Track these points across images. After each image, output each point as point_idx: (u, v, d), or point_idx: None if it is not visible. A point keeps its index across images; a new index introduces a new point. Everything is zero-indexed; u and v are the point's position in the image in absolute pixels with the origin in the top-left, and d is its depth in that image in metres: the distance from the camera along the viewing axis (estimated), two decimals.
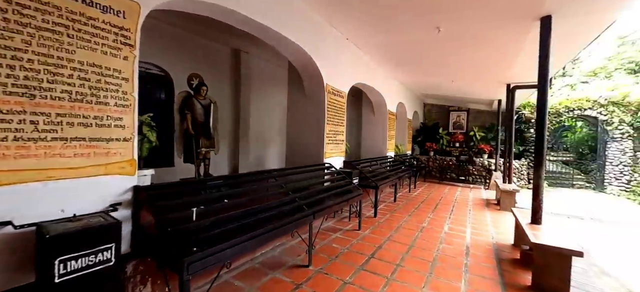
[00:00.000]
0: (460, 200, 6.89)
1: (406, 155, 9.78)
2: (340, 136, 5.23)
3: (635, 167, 9.26)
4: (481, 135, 10.84)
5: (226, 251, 2.05)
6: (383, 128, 7.92)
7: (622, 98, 9.41)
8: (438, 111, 12.38)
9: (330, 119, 4.85)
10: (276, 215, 2.64)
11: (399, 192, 7.33)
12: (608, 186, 9.58)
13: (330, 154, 4.90)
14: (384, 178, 5.58)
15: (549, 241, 2.71)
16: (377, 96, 7.47)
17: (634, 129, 9.35)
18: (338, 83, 5.06)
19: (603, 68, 13.36)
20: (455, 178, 9.80)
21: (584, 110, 9.85)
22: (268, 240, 2.47)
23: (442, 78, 7.45)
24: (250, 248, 2.35)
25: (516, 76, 6.18)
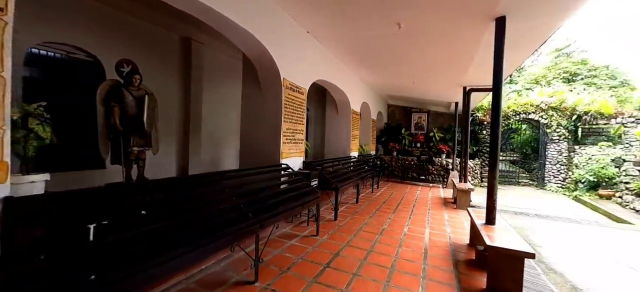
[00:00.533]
0: (420, 199, 6.98)
1: (370, 155, 9.80)
2: (300, 135, 4.92)
3: (570, 166, 10.30)
4: (440, 136, 11.29)
5: (138, 276, 1.62)
6: (347, 128, 7.78)
7: (559, 103, 10.41)
8: (401, 112, 12.69)
9: (288, 116, 4.51)
10: (216, 226, 2.24)
11: (361, 193, 7.23)
12: (548, 183, 10.54)
13: (289, 154, 4.56)
14: (346, 179, 5.39)
15: (503, 243, 2.67)
16: (340, 95, 7.30)
17: (569, 132, 10.39)
18: (297, 78, 4.74)
19: (543, 76, 14.83)
20: (416, 177, 10.05)
21: (528, 114, 10.74)
22: (198, 258, 2.06)
23: (403, 79, 7.51)
24: (176, 268, 1.92)
25: (471, 79, 6.40)
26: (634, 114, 9.34)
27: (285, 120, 4.41)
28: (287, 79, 4.41)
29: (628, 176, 8.01)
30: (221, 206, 2.61)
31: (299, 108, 4.83)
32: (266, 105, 4.45)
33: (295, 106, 4.71)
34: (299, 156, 4.91)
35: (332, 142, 8.04)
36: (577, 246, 4.52)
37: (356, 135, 8.31)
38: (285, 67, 4.35)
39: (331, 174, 5.18)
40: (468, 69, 5.52)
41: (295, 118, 4.75)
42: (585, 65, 14.18)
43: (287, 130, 4.48)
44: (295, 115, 4.72)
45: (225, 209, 2.56)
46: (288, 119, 4.50)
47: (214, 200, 2.71)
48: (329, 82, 6.19)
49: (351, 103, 7.63)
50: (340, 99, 7.56)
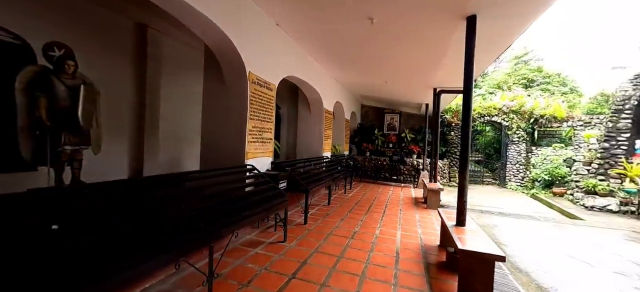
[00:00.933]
0: (392, 200, 6.97)
1: (343, 155, 9.69)
2: (268, 134, 4.61)
3: (528, 166, 10.99)
4: (411, 137, 11.51)
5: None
6: (319, 127, 7.57)
7: (519, 107, 11.09)
8: (374, 113, 12.78)
9: (255, 113, 4.18)
10: (160, 239, 1.89)
11: (334, 194, 7.06)
12: (508, 182, 11.18)
13: (255, 154, 4.23)
14: (317, 180, 5.17)
15: (474, 246, 2.59)
16: (313, 93, 7.07)
17: (527, 134, 11.10)
18: (265, 73, 4.42)
19: (504, 82, 15.83)
20: (389, 178, 10.13)
21: (492, 117, 11.31)
22: (133, 279, 1.71)
23: (376, 79, 7.46)
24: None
25: (441, 80, 6.49)
26: (582, 118, 10.19)
27: (251, 118, 4.07)
28: (254, 73, 4.09)
29: (578, 174, 8.68)
30: (173, 213, 2.25)
31: (267, 105, 4.52)
32: (230, 101, 4.09)
33: (263, 103, 4.39)
34: (267, 156, 4.60)
35: (304, 142, 7.79)
36: (539, 243, 4.69)
37: (329, 135, 8.14)
38: (252, 60, 4.02)
39: (302, 176, 4.93)
40: (438, 69, 5.56)
41: (263, 116, 4.43)
42: (541, 72, 15.39)
43: (253, 129, 4.15)
44: (262, 112, 4.40)
45: (178, 217, 2.20)
46: (254, 116, 4.17)
47: (165, 207, 2.33)
48: (300, 79, 5.93)
49: (324, 102, 7.44)
50: (312, 98, 7.33)
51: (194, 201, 2.59)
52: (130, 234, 1.84)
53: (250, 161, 4.07)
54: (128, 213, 2.03)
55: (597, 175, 8.24)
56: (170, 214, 2.27)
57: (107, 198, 2.14)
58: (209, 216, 2.41)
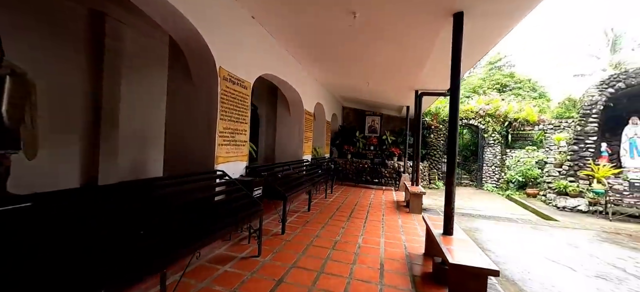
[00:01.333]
0: (374, 204, 6.78)
1: (324, 158, 9.43)
2: (242, 136, 4.22)
3: (502, 168, 11.32)
4: (392, 140, 11.48)
5: None
6: (299, 129, 7.25)
7: (494, 111, 11.41)
8: (355, 115, 12.65)
9: (227, 113, 3.79)
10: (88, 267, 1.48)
11: (314, 199, 6.76)
12: (485, 183, 11.45)
13: (227, 158, 3.83)
14: (297, 186, 4.84)
15: (466, 259, 2.39)
16: (292, 93, 6.74)
17: (502, 137, 11.43)
18: (239, 70, 4.04)
19: (480, 86, 16.38)
20: (370, 180, 9.99)
21: (469, 120, 11.56)
22: None
23: (357, 79, 7.27)
24: None
25: (423, 83, 6.41)
26: (552, 122, 10.65)
27: (222, 118, 3.68)
28: (225, 68, 3.70)
29: (550, 176, 9.00)
30: (120, 231, 1.83)
31: (240, 104, 4.14)
32: (198, 100, 3.67)
33: (236, 102, 4.00)
34: (240, 160, 4.20)
35: (283, 144, 7.42)
36: (522, 248, 4.66)
37: (309, 137, 7.84)
38: (223, 54, 3.63)
39: (280, 181, 4.58)
40: (421, 70, 5.44)
41: (236, 116, 4.04)
42: (513, 78, 16.08)
43: (224, 130, 3.75)
44: (235, 112, 4.01)
45: (126, 236, 1.79)
46: (226, 116, 3.78)
47: (113, 224, 1.91)
48: (279, 78, 5.58)
49: (304, 103, 7.13)
50: (292, 98, 7.00)
51: (151, 215, 2.18)
52: (59, 263, 1.42)
53: (220, 166, 3.67)
54: (60, 234, 1.60)
55: (567, 176, 8.58)
56: (117, 233, 1.85)
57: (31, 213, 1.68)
58: (166, 233, 2.01)
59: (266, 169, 4.73)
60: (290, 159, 7.10)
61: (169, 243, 1.95)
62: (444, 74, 5.58)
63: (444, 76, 5.77)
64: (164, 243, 1.93)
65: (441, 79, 5.99)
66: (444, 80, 6.12)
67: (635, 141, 8.31)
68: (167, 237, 2.00)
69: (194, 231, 2.25)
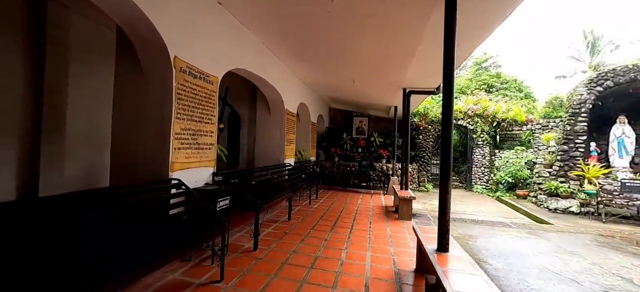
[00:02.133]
0: (361, 209, 6.32)
1: (309, 161, 8.92)
2: (207, 139, 3.66)
3: (492, 169, 11.12)
4: (380, 141, 11.10)
5: None
6: (281, 131, 6.72)
7: (482, 111, 11.23)
8: (342, 116, 12.23)
9: (186, 111, 3.24)
10: None
11: (297, 206, 6.24)
12: (475, 185, 11.22)
13: (186, 164, 3.27)
14: (274, 193, 4.31)
15: (466, 286, 1.93)
16: (272, 92, 6.22)
17: (490, 137, 11.26)
18: (203, 62, 3.50)
19: (467, 87, 16.31)
20: (358, 184, 9.55)
21: (457, 120, 11.33)
22: None
23: (342, 77, 6.82)
24: None
25: (412, 80, 6.02)
26: (540, 122, 10.54)
27: (179, 117, 3.12)
28: (182, 59, 3.15)
29: (540, 177, 8.81)
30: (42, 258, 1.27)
31: (206, 102, 3.59)
32: (149, 95, 3.10)
33: (198, 99, 3.45)
34: (205, 166, 3.64)
35: (263, 147, 6.88)
36: (520, 258, 4.29)
37: (292, 140, 7.32)
38: (179, 42, 3.08)
39: (253, 189, 4.04)
40: (409, 64, 5.03)
41: (199, 115, 3.48)
42: (499, 78, 16.11)
43: (182, 132, 3.19)
44: (198, 111, 3.46)
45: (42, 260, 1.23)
46: (185, 115, 3.22)
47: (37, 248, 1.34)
48: (256, 75, 5.05)
49: (286, 102, 6.61)
50: (272, 98, 6.47)
51: (81, 236, 1.63)
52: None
53: (177, 173, 3.10)
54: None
55: (557, 177, 8.40)
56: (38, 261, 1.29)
57: None
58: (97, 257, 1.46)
59: (238, 176, 4.18)
60: (272, 163, 6.57)
61: (99, 270, 1.40)
62: (434, 69, 5.20)
63: (433, 72, 5.40)
64: (93, 270, 1.38)
65: (431, 75, 5.62)
66: (434, 77, 5.75)
67: (623, 140, 8.22)
68: (99, 262, 1.45)
69: (130, 253, 1.71)
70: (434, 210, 7.21)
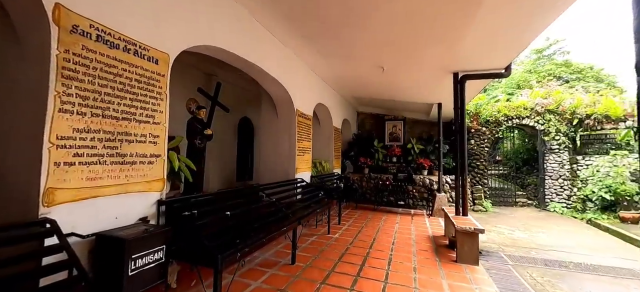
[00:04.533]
0: (400, 242, 4.55)
1: (332, 175, 7.34)
2: (145, 148, 2.31)
3: (574, 181, 8.47)
4: (420, 148, 9.13)
5: None
6: (290, 137, 5.28)
7: (556, 105, 8.71)
8: (373, 121, 10.51)
9: (88, 100, 1.92)
10: None
11: (311, 236, 4.67)
12: (549, 202, 8.63)
13: (92, 191, 1.93)
14: (264, 229, 2.82)
15: None
16: (275, 88, 4.85)
17: (569, 139, 8.65)
18: (133, 24, 2.21)
19: (525, 81, 13.52)
20: (394, 202, 7.69)
21: (521, 119, 8.93)
22: None
23: (367, 64, 5.21)
24: None
25: (469, 58, 4.21)
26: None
27: (66, 111, 1.81)
28: (76, 11, 1.86)
29: None
30: None
31: (141, 90, 2.27)
32: (22, 75, 1.84)
33: (124, 83, 2.15)
34: (141, 191, 2.28)
35: (268, 159, 5.48)
36: None
37: (307, 149, 5.83)
38: None
39: (225, 225, 2.59)
40: (468, 31, 3.30)
41: (126, 109, 2.16)
42: (569, 67, 13.07)
43: (78, 134, 1.86)
44: (122, 102, 2.14)
45: None
46: (86, 106, 1.91)
47: None
48: (244, 60, 3.71)
49: (296, 101, 5.19)
50: (277, 95, 5.10)
51: None
52: None
53: (62, 208, 1.76)
54: None
55: None
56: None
57: None
58: None
59: (204, 202, 2.76)
60: (280, 179, 5.13)
61: None
62: (505, 35, 3.39)
63: (504, 40, 3.57)
64: None
65: (499, 46, 3.78)
66: (503, 49, 3.89)
67: None
68: None
69: None
70: (507, 242, 5.15)
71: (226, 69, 6.26)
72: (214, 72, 6.74)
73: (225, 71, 6.88)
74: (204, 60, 6.25)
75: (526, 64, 14.90)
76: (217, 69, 6.72)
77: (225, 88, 7.28)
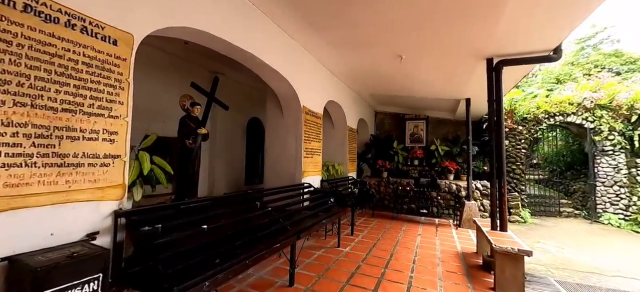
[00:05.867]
0: (422, 258, 3.86)
1: (346, 179, 6.74)
2: (100, 146, 1.88)
3: (633, 188, 7.19)
4: (445, 150, 8.27)
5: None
6: (297, 138, 4.77)
7: (609, 100, 7.48)
8: (392, 121, 9.76)
9: (12, 84, 1.50)
10: None
11: (318, 250, 4.10)
12: (603, 212, 7.39)
13: (21, 201, 1.51)
14: (251, 249, 2.31)
15: None
16: (278, 82, 4.37)
17: (626, 140, 7.38)
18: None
19: (567, 74, 12.03)
20: (415, 210, 6.91)
21: (566, 116, 7.76)
22: None
23: (385, 53, 4.58)
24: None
25: (508, 38, 3.46)
26: None
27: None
28: None
29: None
30: None
31: (90, 76, 1.85)
32: None
33: (61, 66, 1.72)
34: (89, 199, 1.84)
35: (274, 161, 5.00)
36: None
37: (316, 150, 5.29)
38: None
39: (196, 244, 2.10)
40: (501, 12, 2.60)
41: (66, 98, 1.74)
42: (620, 58, 11.45)
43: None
44: (62, 89, 1.72)
45: None
46: (8, 94, 1.50)
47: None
48: (237, 47, 3.25)
49: (302, 97, 4.68)
50: (281, 90, 4.62)
51: None
52: None
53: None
54: None
55: None
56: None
57: None
58: None
59: (170, 216, 2.29)
60: (287, 183, 4.64)
61: None
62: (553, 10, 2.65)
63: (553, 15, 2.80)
64: None
65: (547, 22, 3.01)
66: (551, 26, 3.10)
67: None
68: None
69: None
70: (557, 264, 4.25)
71: (235, 67, 5.89)
72: (221, 70, 6.41)
73: (234, 70, 6.52)
74: (208, 57, 5.94)
75: (567, 55, 13.28)
76: (225, 68, 6.39)
77: (234, 88, 6.95)
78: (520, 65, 3.81)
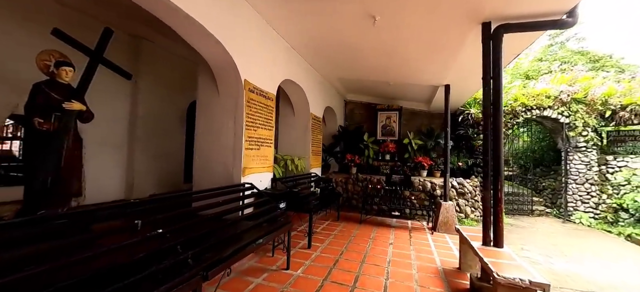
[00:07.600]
0: (395, 283, 2.90)
1: (308, 176, 5.67)
2: None
3: (603, 186, 6.98)
4: (418, 144, 7.54)
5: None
6: (236, 123, 3.56)
7: (584, 94, 7.18)
8: (363, 111, 8.85)
9: None
10: None
11: (260, 274, 2.98)
12: (573, 211, 7.13)
13: None
14: None
15: None
16: (214, 49, 3.12)
17: (598, 136, 7.14)
18: None
19: (535, 70, 12.01)
20: (386, 211, 6.05)
21: (543, 109, 7.37)
22: None
23: (354, 14, 3.52)
24: None
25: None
26: None
27: None
28: None
29: None
30: None
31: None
32: None
33: None
34: None
35: (204, 153, 3.74)
36: None
37: (265, 140, 4.12)
38: None
39: None
40: None
41: None
42: (585, 56, 11.62)
43: None
44: None
45: None
46: None
47: None
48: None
49: (242, 69, 3.47)
50: (217, 61, 3.37)
51: None
52: None
53: None
54: None
55: None
56: None
57: None
58: None
59: None
60: (223, 183, 3.43)
61: None
62: None
63: None
64: None
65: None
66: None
67: None
68: None
69: None
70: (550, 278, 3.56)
71: (169, 35, 4.49)
72: (148, 35, 4.95)
73: (167, 38, 5.09)
74: (127, 16, 4.46)
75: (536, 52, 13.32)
76: (153, 33, 4.93)
77: (168, 60, 5.49)
78: (525, 33, 2.94)
